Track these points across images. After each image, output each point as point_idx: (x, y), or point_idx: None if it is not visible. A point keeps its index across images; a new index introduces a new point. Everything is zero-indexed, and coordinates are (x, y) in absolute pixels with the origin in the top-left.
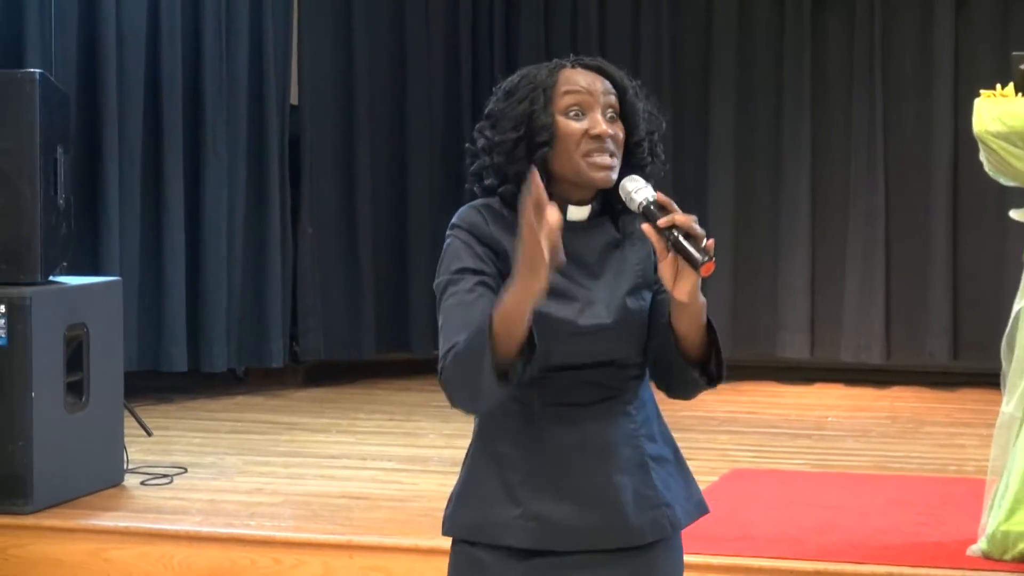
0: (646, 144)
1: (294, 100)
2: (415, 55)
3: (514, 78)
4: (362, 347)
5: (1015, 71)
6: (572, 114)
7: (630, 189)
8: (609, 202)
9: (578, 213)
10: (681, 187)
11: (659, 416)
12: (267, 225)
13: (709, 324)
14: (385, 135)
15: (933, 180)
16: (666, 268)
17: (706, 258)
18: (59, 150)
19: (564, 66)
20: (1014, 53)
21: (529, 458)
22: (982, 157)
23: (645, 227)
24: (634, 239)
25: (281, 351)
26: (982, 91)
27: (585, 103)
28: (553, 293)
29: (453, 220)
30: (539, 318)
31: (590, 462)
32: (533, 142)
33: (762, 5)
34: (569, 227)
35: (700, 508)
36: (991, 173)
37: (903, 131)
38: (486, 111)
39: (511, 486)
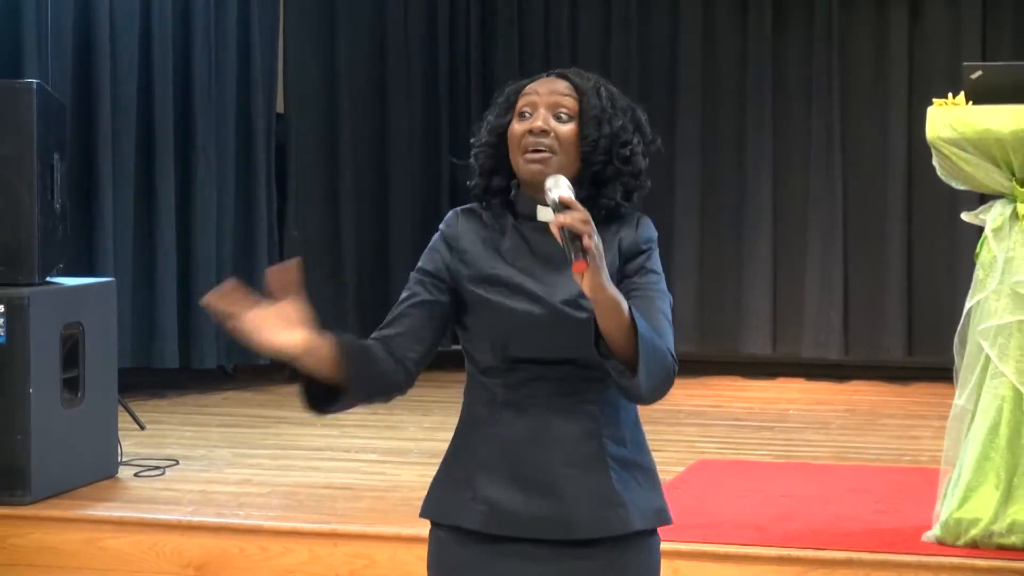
0: (595, 141)
1: (280, 109)
2: (396, 66)
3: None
4: None
5: (966, 80)
6: (522, 115)
7: (548, 187)
8: (582, 204)
9: (545, 214)
10: (649, 193)
11: (635, 424)
12: (254, 228)
13: (642, 329)
14: (367, 142)
15: (889, 185)
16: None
17: (575, 257)
18: (56, 157)
19: (541, 76)
20: (965, 64)
21: (490, 446)
22: (935, 162)
23: (551, 224)
24: (604, 243)
25: None
26: (935, 100)
27: (533, 104)
28: (514, 287)
29: None
30: (500, 310)
31: (543, 454)
32: (498, 149)
33: (726, 22)
34: (537, 227)
35: (660, 517)
36: (944, 178)
37: (860, 138)
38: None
39: (471, 472)
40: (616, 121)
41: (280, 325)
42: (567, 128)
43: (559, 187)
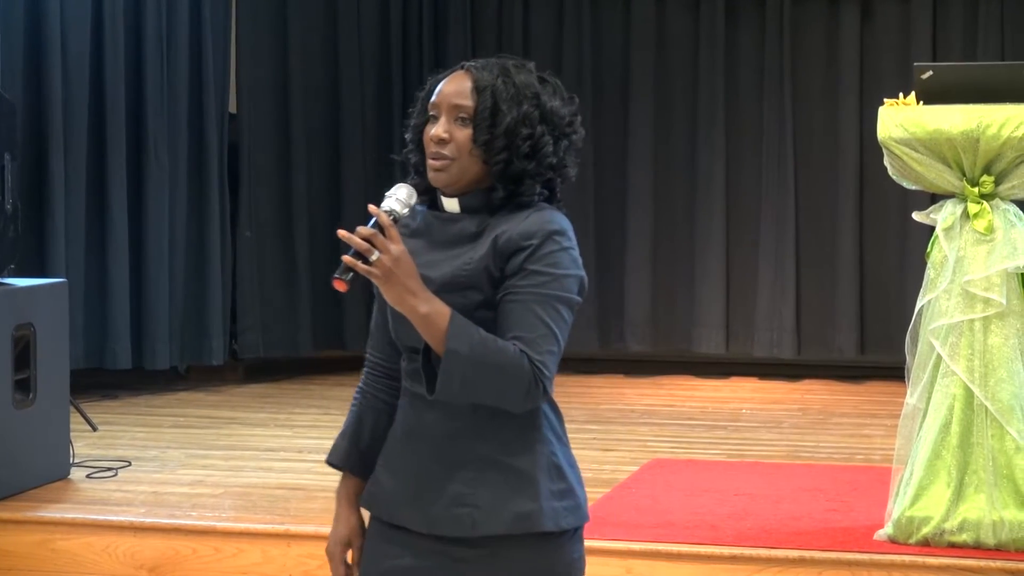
0: (492, 145)
1: (232, 109)
2: (348, 65)
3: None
4: (299, 345)
5: (917, 81)
6: (430, 118)
7: (386, 194)
8: (489, 200)
9: (449, 204)
10: (602, 192)
11: (522, 427)
12: (207, 228)
13: (450, 341)
14: (320, 142)
15: (840, 184)
16: None
17: (336, 274)
18: (6, 157)
19: (458, 71)
20: (916, 64)
21: (392, 433)
22: (886, 162)
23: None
24: (483, 239)
25: (221, 349)
26: (886, 100)
27: (436, 108)
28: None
29: None
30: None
31: (416, 445)
32: (419, 148)
33: (678, 21)
34: (439, 216)
35: (520, 523)
36: (895, 177)
37: (811, 138)
38: None
39: (381, 457)
40: (509, 116)
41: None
42: (465, 133)
43: (390, 197)
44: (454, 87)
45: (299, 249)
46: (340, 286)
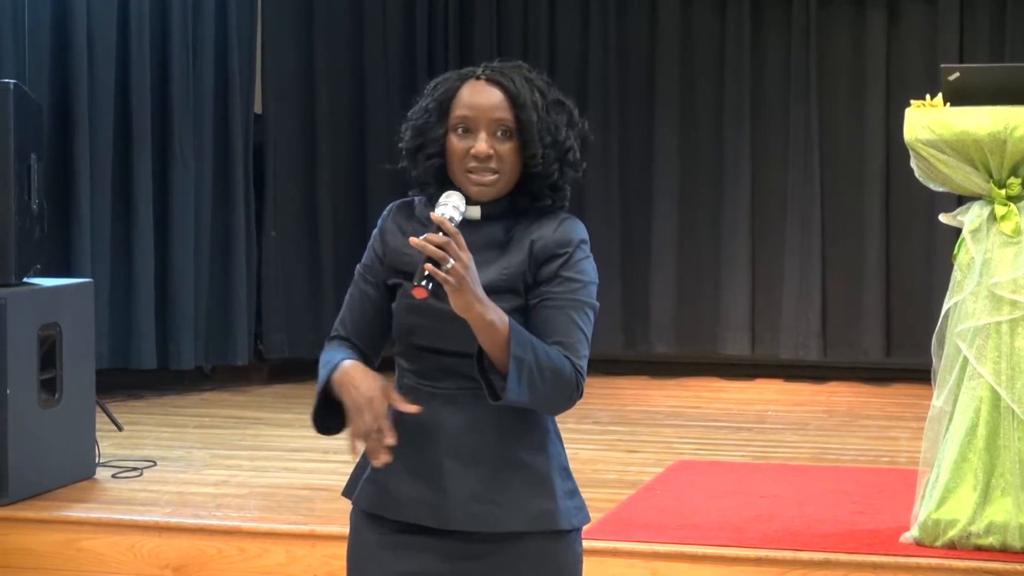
0: (541, 156)
1: (258, 109)
2: (373, 65)
3: (429, 85)
4: (323, 345)
5: (944, 82)
6: (460, 130)
7: (440, 201)
8: (517, 205)
9: (472, 212)
10: (627, 195)
11: (537, 425)
12: (232, 229)
13: (514, 349)
14: (345, 141)
15: (866, 186)
16: None
17: (416, 281)
18: (33, 157)
19: (471, 77)
20: (943, 65)
21: (396, 430)
22: (913, 164)
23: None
24: (515, 245)
25: (246, 349)
26: (912, 101)
27: (471, 121)
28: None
29: None
30: (407, 298)
31: (431, 442)
32: (426, 152)
33: (703, 22)
34: (462, 223)
35: (540, 520)
36: (921, 179)
37: (838, 140)
38: (408, 114)
39: None
40: (555, 128)
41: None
42: (508, 147)
43: (446, 205)
44: (488, 99)
45: (324, 249)
46: (421, 294)
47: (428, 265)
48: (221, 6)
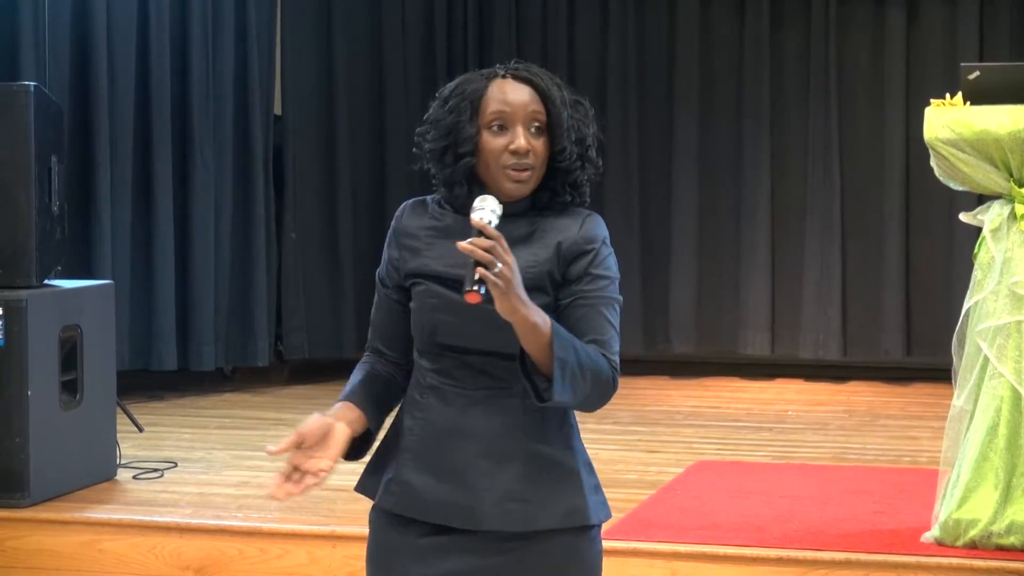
0: (569, 152)
1: (278, 111)
2: (393, 67)
3: (451, 85)
4: (343, 346)
5: (963, 81)
6: (495, 128)
7: (475, 206)
8: (538, 202)
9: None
10: (647, 194)
11: (564, 422)
12: (252, 230)
13: (558, 351)
14: (364, 143)
15: (886, 186)
16: None
17: (468, 286)
18: (53, 159)
19: (496, 76)
20: (963, 64)
21: (416, 430)
22: (933, 163)
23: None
24: (538, 242)
25: (267, 350)
26: (932, 100)
27: (507, 117)
28: (446, 276)
29: None
30: (430, 297)
31: (459, 442)
32: (458, 152)
33: (723, 22)
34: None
35: (571, 517)
36: (941, 178)
37: (857, 139)
38: (425, 116)
39: (396, 453)
40: (579, 124)
41: (324, 447)
42: (541, 142)
43: (483, 209)
44: (521, 96)
45: (344, 250)
46: (475, 299)
47: (480, 269)
48: (240, 7)
